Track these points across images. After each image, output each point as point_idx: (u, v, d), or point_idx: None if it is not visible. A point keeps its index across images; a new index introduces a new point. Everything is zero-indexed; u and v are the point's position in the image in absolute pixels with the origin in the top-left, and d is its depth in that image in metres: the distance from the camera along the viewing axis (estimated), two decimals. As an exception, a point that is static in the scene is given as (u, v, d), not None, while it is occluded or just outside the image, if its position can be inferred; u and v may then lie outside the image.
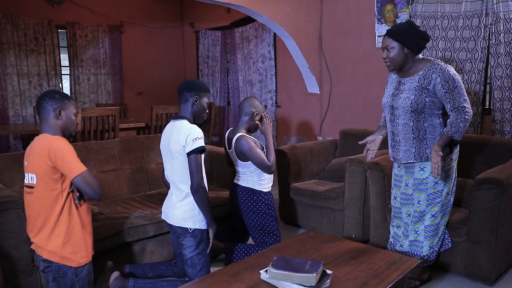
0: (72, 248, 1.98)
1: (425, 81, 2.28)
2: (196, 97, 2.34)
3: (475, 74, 3.69)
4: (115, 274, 2.35)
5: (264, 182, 2.83)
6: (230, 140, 2.84)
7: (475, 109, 3.73)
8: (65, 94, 2.06)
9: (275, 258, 1.81)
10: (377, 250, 2.14)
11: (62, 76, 6.45)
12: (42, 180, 1.92)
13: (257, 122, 2.86)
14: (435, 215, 2.43)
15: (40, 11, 6.08)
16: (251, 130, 2.89)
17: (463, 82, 3.73)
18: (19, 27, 5.86)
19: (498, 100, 3.57)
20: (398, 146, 2.44)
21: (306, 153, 3.82)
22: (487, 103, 3.86)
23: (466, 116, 2.22)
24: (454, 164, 2.44)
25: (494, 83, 3.57)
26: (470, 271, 2.57)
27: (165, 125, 4.84)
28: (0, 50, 5.74)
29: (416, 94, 2.30)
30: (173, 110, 4.88)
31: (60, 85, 6.37)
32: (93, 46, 6.61)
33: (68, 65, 6.49)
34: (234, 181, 2.90)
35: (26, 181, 1.97)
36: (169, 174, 2.41)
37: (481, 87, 3.70)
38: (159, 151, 3.50)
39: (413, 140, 2.36)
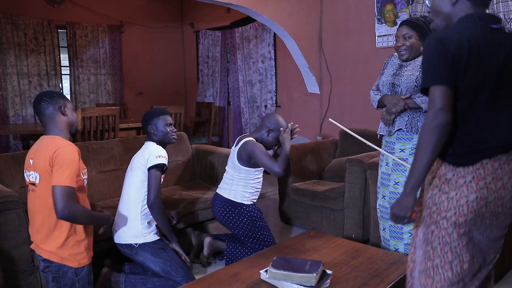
0: (73, 249, 1.98)
1: None
2: (152, 127, 2.52)
3: (475, 74, 3.69)
4: (105, 269, 2.39)
5: (247, 194, 2.69)
6: (239, 141, 2.72)
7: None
8: (59, 92, 2.11)
9: (275, 258, 1.81)
10: (377, 250, 2.14)
11: (62, 76, 6.45)
12: (44, 179, 1.92)
13: (269, 135, 2.68)
14: None
15: (40, 11, 6.07)
16: (265, 144, 2.69)
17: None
18: (19, 27, 5.86)
19: (498, 100, 3.57)
20: (394, 119, 2.44)
21: (306, 153, 3.82)
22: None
23: None
24: None
25: (494, 83, 3.57)
26: (470, 271, 2.57)
27: (165, 125, 4.85)
28: (0, 50, 5.74)
29: (420, 71, 2.30)
30: (173, 110, 4.88)
31: (60, 85, 6.37)
32: (93, 46, 6.61)
33: (68, 65, 6.48)
34: (216, 191, 2.80)
35: (31, 179, 1.97)
36: (125, 189, 2.48)
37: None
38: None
39: (409, 109, 2.38)
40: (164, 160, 2.40)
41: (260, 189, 2.80)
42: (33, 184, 1.96)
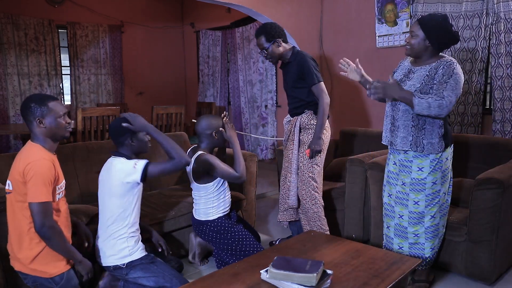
0: (44, 261, 1.93)
1: (434, 71, 2.27)
2: (129, 139, 2.24)
3: (476, 74, 3.69)
4: (105, 274, 2.33)
5: (210, 210, 2.70)
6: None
7: (475, 109, 3.73)
8: (44, 98, 1.94)
9: (275, 258, 1.81)
10: (378, 250, 2.14)
11: (63, 76, 6.46)
12: (14, 189, 1.90)
13: (217, 137, 2.73)
14: (434, 216, 2.39)
15: (40, 11, 6.08)
16: (217, 146, 2.80)
17: (463, 82, 3.74)
18: (20, 27, 5.86)
19: (498, 100, 3.56)
20: (396, 132, 2.39)
21: (307, 153, 3.81)
22: (488, 103, 3.85)
23: (439, 101, 2.14)
24: (449, 165, 2.40)
25: (495, 83, 3.57)
26: (470, 271, 2.57)
27: (165, 126, 4.85)
28: (1, 50, 5.74)
29: (422, 83, 2.27)
30: (174, 110, 4.88)
31: (61, 85, 6.38)
32: (93, 46, 6.61)
33: (68, 65, 6.49)
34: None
35: (7, 187, 1.96)
36: (105, 215, 2.24)
37: (482, 87, 3.70)
38: (160, 150, 3.47)
39: (412, 128, 2.32)
40: (142, 161, 2.20)
41: (226, 197, 2.77)
42: (8, 192, 1.95)
